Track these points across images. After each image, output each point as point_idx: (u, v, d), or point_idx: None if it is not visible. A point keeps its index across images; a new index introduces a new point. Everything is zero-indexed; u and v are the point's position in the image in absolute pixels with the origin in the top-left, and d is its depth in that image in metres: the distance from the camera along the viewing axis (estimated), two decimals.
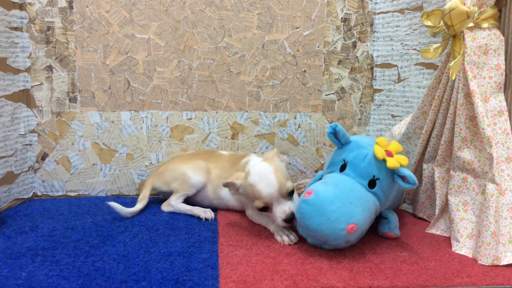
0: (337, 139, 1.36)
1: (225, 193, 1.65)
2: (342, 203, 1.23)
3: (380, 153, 1.28)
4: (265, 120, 1.95)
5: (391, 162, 1.26)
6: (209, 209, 1.64)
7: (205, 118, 1.92)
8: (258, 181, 1.39)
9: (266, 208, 1.39)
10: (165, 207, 1.69)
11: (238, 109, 1.94)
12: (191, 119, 1.92)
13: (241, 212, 1.67)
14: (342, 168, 1.34)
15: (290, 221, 1.37)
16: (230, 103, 1.93)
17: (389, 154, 1.29)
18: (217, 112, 1.93)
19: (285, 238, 1.38)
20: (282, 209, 1.37)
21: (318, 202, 1.24)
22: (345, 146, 1.38)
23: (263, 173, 1.40)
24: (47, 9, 1.80)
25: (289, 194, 1.39)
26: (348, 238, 1.24)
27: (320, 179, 1.47)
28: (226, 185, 1.48)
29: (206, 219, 1.59)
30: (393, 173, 1.30)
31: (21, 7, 1.78)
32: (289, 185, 1.39)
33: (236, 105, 1.93)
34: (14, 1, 1.74)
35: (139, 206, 1.65)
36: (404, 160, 1.28)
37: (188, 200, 1.71)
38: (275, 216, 1.38)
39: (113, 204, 1.57)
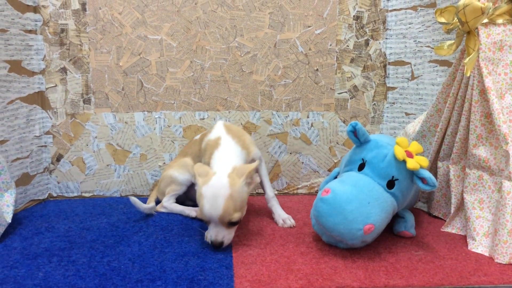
0: (357, 137, 1.35)
1: None
2: (360, 203, 1.22)
3: (400, 153, 1.26)
4: (277, 120, 1.95)
5: (411, 163, 1.25)
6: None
7: (218, 118, 1.93)
8: (206, 197, 1.28)
9: (203, 221, 1.33)
10: (159, 208, 1.70)
11: (251, 109, 1.94)
12: (204, 119, 1.93)
13: (253, 211, 1.67)
14: (361, 167, 1.34)
15: (216, 248, 1.30)
16: (243, 103, 1.93)
17: (409, 155, 1.28)
18: (229, 112, 1.93)
19: (207, 235, 1.32)
20: (214, 234, 1.29)
21: (336, 201, 1.24)
22: (364, 145, 1.36)
23: (216, 193, 1.28)
24: (61, 11, 1.82)
25: (230, 224, 1.30)
26: (365, 238, 1.23)
27: (336, 177, 1.46)
28: (194, 174, 1.39)
29: (197, 218, 1.59)
30: (413, 174, 1.28)
31: (35, 10, 1.80)
32: (235, 216, 1.29)
33: (248, 104, 1.93)
34: (28, 4, 1.76)
35: (151, 204, 1.67)
36: (424, 161, 1.26)
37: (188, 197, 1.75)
38: (207, 234, 1.33)
39: (134, 199, 1.59)
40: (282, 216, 1.54)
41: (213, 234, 1.30)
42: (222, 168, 1.36)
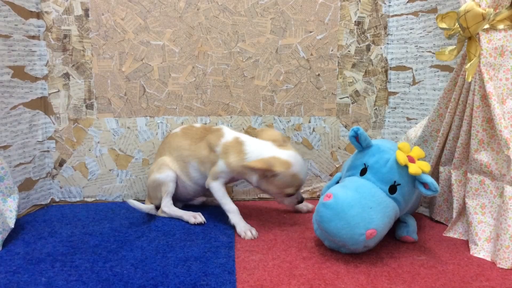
0: (358, 142, 1.36)
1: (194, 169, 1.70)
2: (362, 208, 1.23)
3: (402, 158, 1.27)
4: (279, 124, 1.95)
5: (413, 168, 1.25)
6: (199, 213, 1.64)
7: (220, 123, 1.93)
8: (300, 172, 1.52)
9: (291, 194, 1.55)
10: (160, 213, 1.71)
11: (253, 114, 1.94)
12: (206, 124, 1.93)
13: (255, 216, 1.67)
14: (363, 172, 1.34)
15: (301, 203, 1.64)
16: (245, 108, 1.94)
17: (411, 160, 1.28)
18: (231, 117, 1.94)
19: (248, 234, 1.48)
20: (300, 195, 1.61)
21: (338, 206, 1.24)
22: (366, 150, 1.37)
23: (301, 163, 1.53)
24: (64, 17, 1.83)
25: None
26: (367, 243, 1.23)
27: (338, 181, 1.47)
28: (262, 170, 1.48)
29: (196, 224, 1.60)
30: (414, 179, 1.29)
31: (38, 15, 1.81)
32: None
33: (250, 109, 1.94)
34: (31, 10, 1.77)
35: (151, 205, 1.69)
36: (426, 166, 1.26)
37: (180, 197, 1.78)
38: (293, 199, 1.58)
39: (132, 202, 1.60)
40: (308, 206, 1.77)
41: (300, 195, 1.60)
42: (271, 150, 1.54)
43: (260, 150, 1.54)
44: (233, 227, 1.55)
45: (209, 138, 1.65)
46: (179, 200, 1.80)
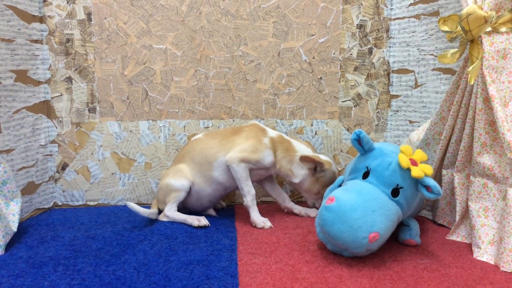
0: (361, 145, 1.35)
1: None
2: (364, 211, 1.23)
3: (404, 161, 1.27)
4: (281, 128, 1.95)
5: (415, 171, 1.25)
6: (203, 217, 1.64)
7: (222, 127, 1.93)
8: (336, 172, 1.71)
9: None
10: (162, 217, 1.70)
11: (255, 117, 1.94)
12: (208, 127, 1.93)
13: None
14: (365, 175, 1.34)
15: None
16: (247, 111, 1.94)
17: (414, 163, 1.28)
18: (233, 120, 1.94)
19: (266, 224, 1.60)
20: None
21: (340, 209, 1.24)
22: (369, 153, 1.36)
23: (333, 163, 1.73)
24: (66, 21, 1.83)
25: None
26: (370, 246, 1.23)
27: (340, 185, 1.47)
28: (316, 163, 1.64)
29: (200, 226, 1.60)
30: (417, 182, 1.28)
31: (41, 20, 1.81)
32: None
33: (252, 113, 1.94)
34: (34, 14, 1.78)
35: (153, 210, 1.68)
36: (428, 169, 1.26)
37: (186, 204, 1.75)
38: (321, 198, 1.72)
39: (131, 205, 1.60)
40: (306, 209, 1.77)
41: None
42: (312, 153, 1.73)
43: (306, 150, 1.70)
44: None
45: (251, 129, 1.71)
46: (187, 208, 1.79)
